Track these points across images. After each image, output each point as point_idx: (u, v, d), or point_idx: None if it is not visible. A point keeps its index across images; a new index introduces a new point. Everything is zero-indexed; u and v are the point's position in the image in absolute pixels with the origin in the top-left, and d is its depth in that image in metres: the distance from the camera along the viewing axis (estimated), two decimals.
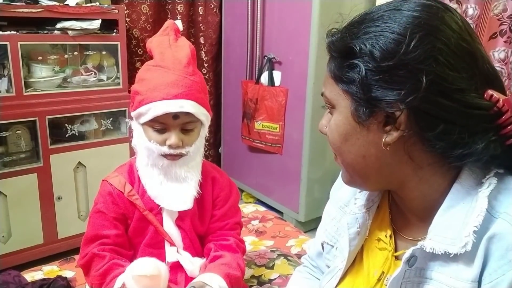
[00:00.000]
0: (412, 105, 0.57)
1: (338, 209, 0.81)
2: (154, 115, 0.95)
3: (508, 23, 1.77)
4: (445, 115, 0.57)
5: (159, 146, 0.97)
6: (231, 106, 2.85)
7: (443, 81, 0.56)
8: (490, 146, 0.58)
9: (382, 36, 0.58)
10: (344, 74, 0.62)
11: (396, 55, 0.57)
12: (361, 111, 0.61)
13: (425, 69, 0.56)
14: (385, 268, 0.70)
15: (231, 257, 1.05)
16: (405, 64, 0.56)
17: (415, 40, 0.56)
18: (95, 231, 1.02)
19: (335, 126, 0.65)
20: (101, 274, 0.97)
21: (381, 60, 0.58)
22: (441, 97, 0.56)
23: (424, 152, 0.61)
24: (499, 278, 0.54)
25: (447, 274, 0.59)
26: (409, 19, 0.58)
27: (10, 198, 1.94)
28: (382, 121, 0.60)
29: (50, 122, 1.99)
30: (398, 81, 0.57)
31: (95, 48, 2.15)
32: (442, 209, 0.61)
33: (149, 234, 1.04)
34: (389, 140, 0.60)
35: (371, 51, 0.58)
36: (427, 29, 0.57)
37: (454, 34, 0.58)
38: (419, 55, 0.56)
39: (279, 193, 2.59)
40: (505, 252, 0.54)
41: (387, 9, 0.62)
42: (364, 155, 0.64)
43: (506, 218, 0.56)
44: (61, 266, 1.37)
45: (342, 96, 0.63)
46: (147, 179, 1.02)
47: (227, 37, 2.82)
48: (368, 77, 0.59)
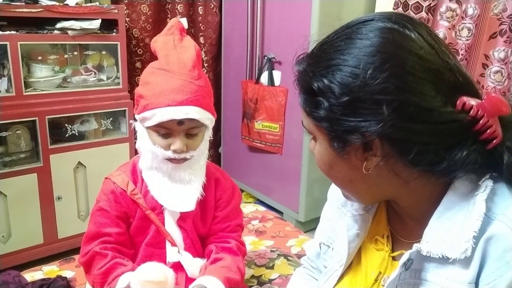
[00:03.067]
0: (382, 133, 0.56)
1: (335, 209, 0.81)
2: (159, 121, 0.95)
3: (508, 22, 1.77)
4: (416, 137, 0.57)
5: (164, 151, 0.97)
6: (231, 106, 2.85)
7: (408, 106, 0.55)
8: (471, 155, 0.57)
9: (338, 70, 0.58)
10: (312, 111, 0.62)
11: (354, 89, 0.56)
12: (336, 144, 0.61)
13: (386, 99, 0.55)
14: (382, 268, 0.70)
15: (232, 260, 1.05)
16: (365, 97, 0.56)
17: (370, 70, 0.55)
18: (97, 229, 1.01)
19: (319, 156, 0.66)
20: (103, 273, 0.97)
21: (341, 95, 0.57)
22: (409, 122, 0.56)
23: (407, 169, 0.60)
24: (497, 279, 0.54)
25: (443, 275, 0.59)
26: (362, 49, 0.57)
27: (10, 198, 1.94)
28: (359, 149, 0.60)
29: (50, 122, 1.99)
30: (362, 113, 0.57)
31: (95, 48, 2.15)
32: (438, 211, 0.61)
33: (150, 234, 1.04)
34: (369, 165, 0.61)
35: (330, 87, 0.58)
36: (381, 57, 0.56)
37: (411, 57, 0.56)
38: (377, 87, 0.55)
39: (279, 193, 2.59)
40: (503, 254, 0.54)
41: (342, 37, 0.61)
42: (351, 179, 0.65)
43: (503, 219, 0.56)
44: (61, 266, 1.37)
45: (317, 129, 0.64)
46: (151, 180, 1.02)
47: (227, 37, 2.82)
48: (334, 113, 0.59)
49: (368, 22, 0.60)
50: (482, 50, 1.86)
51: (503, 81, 1.83)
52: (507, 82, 1.82)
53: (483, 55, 1.86)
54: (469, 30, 1.90)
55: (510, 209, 0.57)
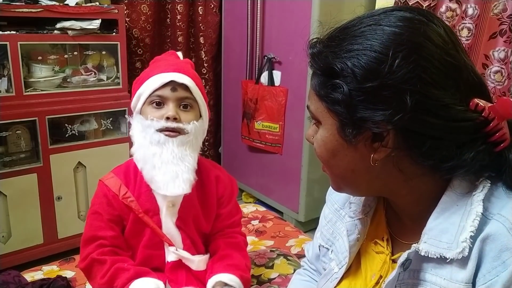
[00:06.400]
0: (399, 125, 0.56)
1: (333, 211, 0.81)
2: (153, 88, 0.98)
3: (508, 22, 1.77)
4: (431, 132, 0.57)
5: (156, 121, 0.97)
6: (231, 106, 2.85)
7: (429, 99, 0.55)
8: (479, 156, 0.58)
9: (364, 55, 0.57)
10: (327, 93, 0.60)
11: (379, 75, 0.55)
12: (347, 130, 0.60)
13: (410, 89, 0.54)
14: (383, 272, 0.70)
15: (241, 258, 1.08)
16: (389, 85, 0.55)
17: (398, 59, 0.54)
18: (92, 232, 1.02)
19: (322, 142, 0.65)
20: (107, 281, 0.97)
21: (364, 80, 0.56)
22: (427, 116, 0.56)
23: (413, 165, 0.60)
24: (493, 279, 0.54)
25: (441, 275, 0.59)
26: (391, 36, 0.56)
27: (10, 198, 1.94)
28: (369, 139, 0.60)
29: (50, 122, 1.99)
30: (383, 101, 0.56)
31: (95, 48, 2.15)
32: (436, 211, 0.61)
33: (146, 236, 1.03)
34: (377, 157, 0.60)
35: (353, 71, 0.56)
36: (410, 46, 0.55)
37: (438, 50, 0.56)
38: (403, 75, 0.54)
39: (279, 193, 2.59)
40: (499, 253, 0.54)
41: (368, 23, 0.59)
42: (353, 169, 0.64)
43: (499, 219, 0.56)
44: (61, 266, 1.37)
45: (327, 114, 0.62)
46: (143, 163, 0.99)
47: (227, 37, 2.82)
48: (352, 98, 0.57)
49: (396, 11, 0.60)
50: (482, 50, 1.86)
51: (503, 81, 1.83)
52: (507, 82, 1.82)
53: (483, 55, 1.86)
54: (469, 30, 1.90)
55: (506, 208, 0.57)
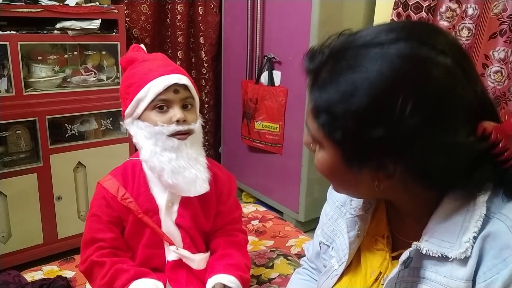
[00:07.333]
0: (405, 165, 0.56)
1: (335, 209, 0.81)
2: (156, 92, 0.96)
3: (508, 23, 1.76)
4: (439, 167, 0.56)
5: (167, 126, 0.96)
6: (231, 106, 2.85)
7: (438, 142, 0.54)
8: (486, 175, 0.58)
9: (368, 89, 0.53)
10: (329, 126, 0.57)
11: (386, 123, 0.53)
12: (351, 161, 0.58)
13: (419, 138, 0.54)
14: (382, 268, 0.71)
15: (240, 257, 1.07)
16: (396, 134, 0.53)
17: (408, 109, 0.52)
18: (91, 234, 1.02)
19: (323, 162, 0.62)
20: (107, 282, 0.97)
21: (370, 123, 0.54)
22: (435, 156, 0.55)
23: (419, 186, 0.60)
24: (494, 277, 0.54)
25: (441, 273, 0.59)
26: (397, 84, 0.52)
27: (10, 198, 1.94)
28: (373, 167, 0.58)
29: (50, 122, 1.99)
30: (391, 146, 0.55)
31: (95, 48, 2.15)
32: (439, 211, 0.61)
33: (146, 236, 1.03)
34: (382, 184, 0.59)
35: (358, 108, 0.53)
36: (421, 97, 0.52)
37: (450, 96, 0.54)
38: (412, 125, 0.53)
39: (279, 193, 2.59)
40: (500, 251, 0.55)
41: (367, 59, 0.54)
42: (355, 188, 0.64)
43: (500, 218, 0.56)
44: (61, 266, 1.38)
45: (329, 141, 0.59)
46: (160, 170, 0.97)
47: (227, 37, 2.82)
48: (359, 138, 0.55)
49: (392, 44, 0.55)
50: (482, 50, 1.86)
51: (503, 81, 1.83)
52: (507, 82, 1.82)
53: (483, 55, 1.86)
54: (469, 30, 1.90)
55: (507, 207, 0.58)
